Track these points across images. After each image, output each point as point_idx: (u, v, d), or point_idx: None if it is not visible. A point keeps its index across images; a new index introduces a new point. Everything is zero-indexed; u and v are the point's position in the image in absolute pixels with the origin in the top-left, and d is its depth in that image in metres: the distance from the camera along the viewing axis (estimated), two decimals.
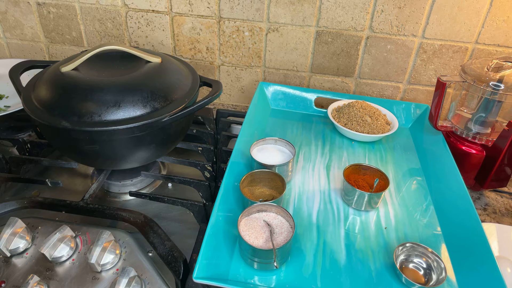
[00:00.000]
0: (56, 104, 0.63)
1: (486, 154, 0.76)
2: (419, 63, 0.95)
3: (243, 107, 1.09)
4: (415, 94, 1.00)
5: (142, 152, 0.68)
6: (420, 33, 0.90)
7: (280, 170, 0.69)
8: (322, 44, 0.95)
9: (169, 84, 0.69)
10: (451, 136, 0.82)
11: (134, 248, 0.59)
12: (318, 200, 0.69)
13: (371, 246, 0.61)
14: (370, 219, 0.66)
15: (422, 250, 0.57)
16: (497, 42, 0.89)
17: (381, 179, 0.68)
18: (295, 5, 0.90)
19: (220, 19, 0.95)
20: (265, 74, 1.02)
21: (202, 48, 1.00)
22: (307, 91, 0.96)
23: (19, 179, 0.74)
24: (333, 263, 0.58)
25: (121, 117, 0.61)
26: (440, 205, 0.69)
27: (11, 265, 0.56)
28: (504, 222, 0.74)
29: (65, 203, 0.65)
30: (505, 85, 0.71)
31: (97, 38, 1.02)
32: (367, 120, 0.85)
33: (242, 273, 0.55)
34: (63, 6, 0.98)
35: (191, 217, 0.68)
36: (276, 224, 0.58)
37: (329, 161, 0.79)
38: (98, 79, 0.65)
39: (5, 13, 1.01)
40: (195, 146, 0.81)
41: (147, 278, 0.55)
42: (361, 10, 0.89)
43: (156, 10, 0.95)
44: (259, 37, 0.96)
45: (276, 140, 0.76)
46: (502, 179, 0.77)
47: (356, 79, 1.00)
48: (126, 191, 0.75)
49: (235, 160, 0.72)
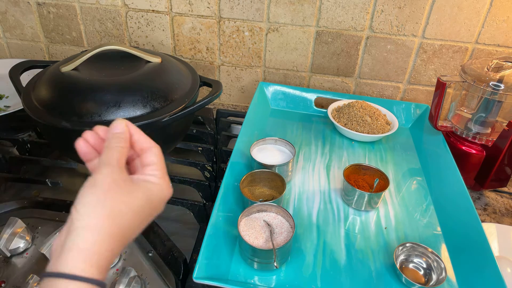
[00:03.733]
0: (56, 104, 0.63)
1: (486, 154, 0.76)
2: (419, 63, 0.95)
3: (243, 107, 1.09)
4: (415, 94, 1.00)
5: None
6: (420, 33, 0.90)
7: (280, 170, 0.69)
8: (322, 44, 0.95)
9: (169, 84, 0.69)
10: (451, 136, 0.82)
11: (134, 248, 0.59)
12: (318, 200, 0.69)
13: (371, 246, 0.61)
14: (370, 219, 0.66)
15: (422, 250, 0.57)
16: (497, 42, 0.89)
17: (381, 179, 0.68)
18: (295, 5, 0.90)
19: (220, 19, 0.95)
20: (265, 74, 1.02)
21: (202, 48, 1.00)
22: (307, 91, 0.96)
23: (19, 179, 0.74)
24: (333, 263, 0.58)
25: (121, 117, 0.61)
26: (440, 205, 0.69)
27: (11, 265, 0.56)
28: (504, 222, 0.74)
29: (65, 203, 0.65)
30: (505, 85, 0.71)
31: (97, 38, 1.02)
32: (367, 120, 0.85)
33: (242, 273, 0.55)
34: (63, 6, 0.98)
35: (191, 217, 0.68)
36: (276, 224, 0.58)
37: (329, 161, 0.79)
38: (98, 79, 0.65)
39: (5, 13, 1.01)
40: (195, 146, 0.81)
41: (147, 278, 0.55)
42: (361, 10, 0.89)
43: (156, 10, 0.95)
44: (259, 37, 0.96)
45: (276, 140, 0.76)
46: (502, 179, 0.77)
47: (356, 79, 1.00)
48: None
49: (235, 160, 0.72)
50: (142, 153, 0.39)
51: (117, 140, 0.37)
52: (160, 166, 0.39)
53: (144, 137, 0.40)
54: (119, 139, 0.38)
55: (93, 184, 0.34)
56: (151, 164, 0.38)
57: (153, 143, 0.40)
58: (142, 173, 0.38)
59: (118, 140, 0.38)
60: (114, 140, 0.37)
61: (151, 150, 0.39)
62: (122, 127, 0.39)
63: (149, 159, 0.39)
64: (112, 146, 0.37)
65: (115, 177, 0.35)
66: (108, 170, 0.35)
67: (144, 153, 0.39)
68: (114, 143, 0.37)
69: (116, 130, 0.38)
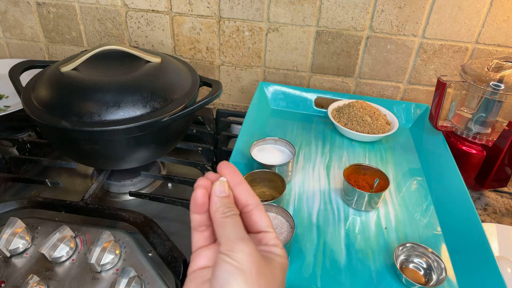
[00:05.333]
0: (56, 104, 0.63)
1: (486, 154, 0.76)
2: (419, 63, 0.95)
3: (243, 107, 1.09)
4: (415, 94, 1.00)
5: (142, 152, 0.68)
6: (420, 33, 0.90)
7: (280, 170, 0.69)
8: (322, 44, 0.95)
9: (169, 84, 0.68)
10: (451, 136, 0.82)
11: (134, 248, 0.59)
12: (318, 200, 0.69)
13: (371, 246, 0.61)
14: (370, 219, 0.66)
15: (422, 250, 0.57)
16: (497, 42, 0.89)
17: (381, 179, 0.68)
18: (295, 5, 0.90)
19: (220, 19, 0.95)
20: (265, 74, 1.02)
21: (202, 48, 1.00)
22: (307, 91, 0.96)
23: (19, 179, 0.73)
24: (333, 263, 0.58)
25: (121, 117, 0.61)
26: (440, 205, 0.69)
27: (11, 265, 0.56)
28: (504, 222, 0.74)
29: (65, 203, 0.65)
30: (505, 85, 0.71)
31: (97, 38, 1.02)
32: (367, 120, 0.85)
33: None
34: (63, 6, 0.98)
35: None
36: (276, 224, 0.58)
37: (329, 161, 0.79)
38: (98, 79, 0.65)
39: (5, 13, 1.01)
40: (195, 146, 0.80)
41: (147, 278, 0.55)
42: (361, 10, 0.89)
43: (156, 10, 0.95)
44: (259, 37, 0.96)
45: (276, 140, 0.76)
46: (502, 179, 0.77)
47: (356, 79, 1.00)
48: (126, 191, 0.75)
49: (235, 160, 0.72)
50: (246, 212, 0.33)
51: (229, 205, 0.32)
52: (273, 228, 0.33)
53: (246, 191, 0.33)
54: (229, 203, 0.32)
55: (240, 269, 0.28)
56: (269, 231, 0.32)
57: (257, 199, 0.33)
58: (261, 243, 0.32)
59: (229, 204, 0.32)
60: (226, 205, 0.32)
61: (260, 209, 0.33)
62: (226, 190, 0.32)
63: (263, 224, 0.32)
64: (228, 214, 0.31)
65: (258, 258, 0.29)
66: (249, 249, 0.29)
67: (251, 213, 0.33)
68: (227, 209, 0.31)
69: (221, 194, 0.32)
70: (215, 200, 0.32)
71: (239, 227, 0.30)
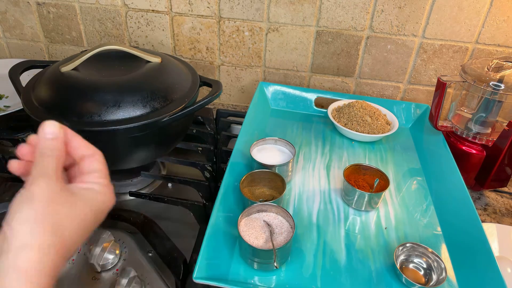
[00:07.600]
0: (56, 104, 0.63)
1: (486, 154, 0.76)
2: (419, 63, 0.95)
3: (243, 107, 1.09)
4: (415, 94, 1.00)
5: (142, 152, 0.68)
6: (420, 33, 0.90)
7: (280, 170, 0.69)
8: (322, 44, 0.95)
9: (169, 84, 0.68)
10: (451, 136, 0.82)
11: (134, 248, 0.59)
12: (318, 200, 0.69)
13: (371, 246, 0.61)
14: (370, 219, 0.66)
15: (422, 250, 0.57)
16: (497, 42, 0.89)
17: (381, 179, 0.68)
18: (295, 5, 0.90)
19: (220, 19, 0.95)
20: (265, 74, 1.02)
21: (202, 48, 1.00)
22: (307, 91, 0.96)
23: (19, 179, 0.73)
24: (333, 263, 0.58)
25: (121, 117, 0.61)
26: (440, 205, 0.69)
27: None
28: (505, 222, 0.74)
29: None
30: (505, 85, 0.71)
31: (97, 38, 1.02)
32: (367, 120, 0.85)
33: (242, 273, 0.55)
34: (63, 6, 0.98)
35: (191, 217, 0.68)
36: (276, 224, 0.58)
37: (329, 161, 0.79)
38: (98, 79, 0.65)
39: (5, 13, 1.01)
40: (195, 146, 0.80)
41: (147, 278, 0.55)
42: (361, 10, 0.89)
43: (156, 10, 0.95)
44: (259, 37, 0.96)
45: (276, 140, 0.76)
46: (502, 179, 0.77)
47: (356, 79, 1.00)
48: (126, 191, 0.74)
49: (235, 160, 0.72)
50: (82, 160, 0.37)
51: (51, 147, 0.34)
52: (105, 173, 0.37)
53: (84, 144, 0.37)
54: (53, 145, 0.34)
55: (30, 198, 0.31)
56: (95, 172, 0.36)
57: (96, 150, 0.37)
58: (83, 181, 0.35)
59: (52, 146, 0.34)
60: (48, 147, 0.34)
61: (94, 156, 0.37)
62: (55, 131, 0.35)
63: (92, 167, 0.36)
64: (47, 154, 0.33)
65: (54, 189, 0.32)
66: (45, 182, 0.32)
67: (85, 160, 0.36)
68: (48, 150, 0.34)
69: (48, 135, 0.34)
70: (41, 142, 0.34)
71: (48, 165, 0.33)
